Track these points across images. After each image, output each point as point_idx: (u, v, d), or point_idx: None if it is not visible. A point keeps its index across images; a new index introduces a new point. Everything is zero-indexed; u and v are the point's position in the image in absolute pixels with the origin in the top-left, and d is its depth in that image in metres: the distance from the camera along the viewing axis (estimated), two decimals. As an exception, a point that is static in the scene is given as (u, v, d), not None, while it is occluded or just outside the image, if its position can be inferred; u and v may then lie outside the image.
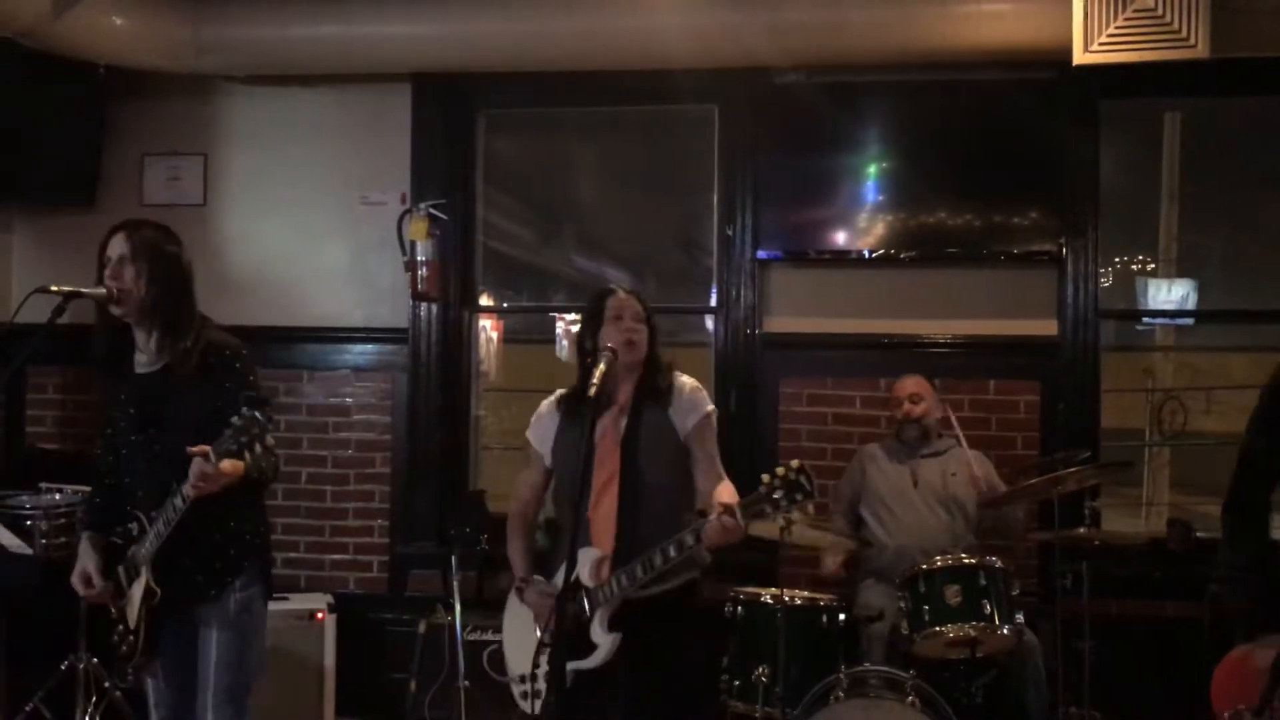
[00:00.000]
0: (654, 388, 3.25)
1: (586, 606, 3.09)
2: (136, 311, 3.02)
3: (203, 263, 3.22)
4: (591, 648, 3.09)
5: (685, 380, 3.30)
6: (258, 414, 2.71)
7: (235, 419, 2.71)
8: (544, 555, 3.45)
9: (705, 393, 3.31)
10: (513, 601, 3.41)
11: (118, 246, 3.04)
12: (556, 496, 3.39)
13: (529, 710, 3.26)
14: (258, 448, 2.72)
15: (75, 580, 3.10)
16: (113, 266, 3.01)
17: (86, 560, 3.09)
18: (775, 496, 2.81)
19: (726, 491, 3.13)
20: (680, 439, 3.23)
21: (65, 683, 4.37)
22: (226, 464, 2.78)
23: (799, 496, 2.80)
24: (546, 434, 3.35)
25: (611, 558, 3.11)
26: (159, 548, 2.95)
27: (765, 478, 2.83)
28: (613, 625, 3.09)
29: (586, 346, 3.26)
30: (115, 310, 3.02)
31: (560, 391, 3.38)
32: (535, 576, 3.31)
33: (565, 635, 2.91)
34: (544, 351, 5.66)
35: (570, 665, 3.03)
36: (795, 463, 2.83)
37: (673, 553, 2.98)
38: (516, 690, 3.33)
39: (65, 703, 4.36)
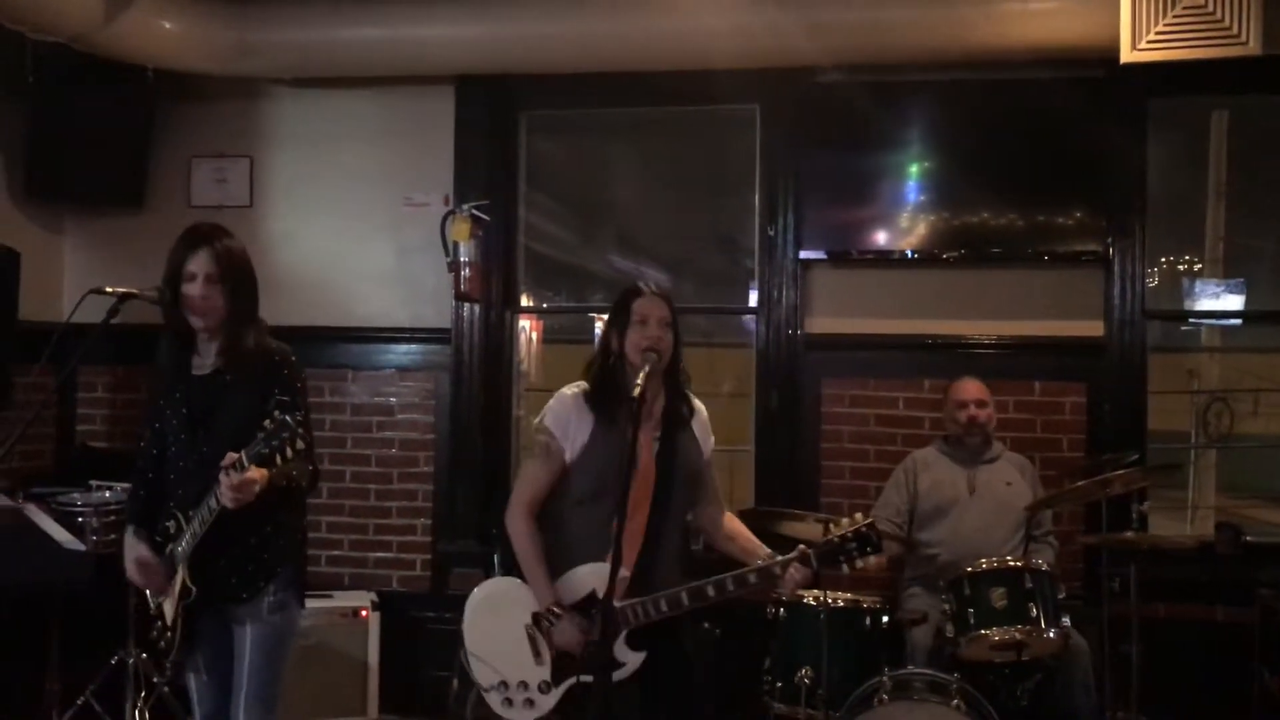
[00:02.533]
0: (682, 402, 3.21)
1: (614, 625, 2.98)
2: (216, 324, 3.05)
3: (252, 263, 3.25)
4: (615, 664, 3.01)
5: (699, 404, 3.28)
6: (288, 418, 2.73)
7: (267, 422, 2.74)
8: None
9: None
10: (485, 600, 3.27)
11: (202, 264, 3.02)
12: (570, 497, 3.18)
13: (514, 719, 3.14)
14: (288, 451, 2.73)
15: (131, 568, 3.11)
16: (200, 285, 3.01)
17: (138, 550, 3.10)
18: (850, 548, 2.89)
19: (739, 525, 3.26)
20: (702, 461, 3.24)
21: (115, 678, 4.45)
22: (255, 472, 2.77)
23: (869, 551, 2.89)
24: (576, 430, 3.16)
25: (631, 576, 3.01)
26: (194, 547, 2.98)
27: (835, 528, 2.92)
28: (637, 641, 3.03)
29: (611, 347, 3.19)
30: (195, 323, 3.04)
31: (583, 386, 3.21)
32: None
33: (601, 660, 2.87)
34: (583, 351, 5.66)
35: (588, 678, 3.00)
36: (860, 515, 2.91)
37: (731, 586, 2.95)
38: (497, 698, 3.17)
39: (115, 697, 4.44)
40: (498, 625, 3.21)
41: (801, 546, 2.95)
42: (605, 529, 2.91)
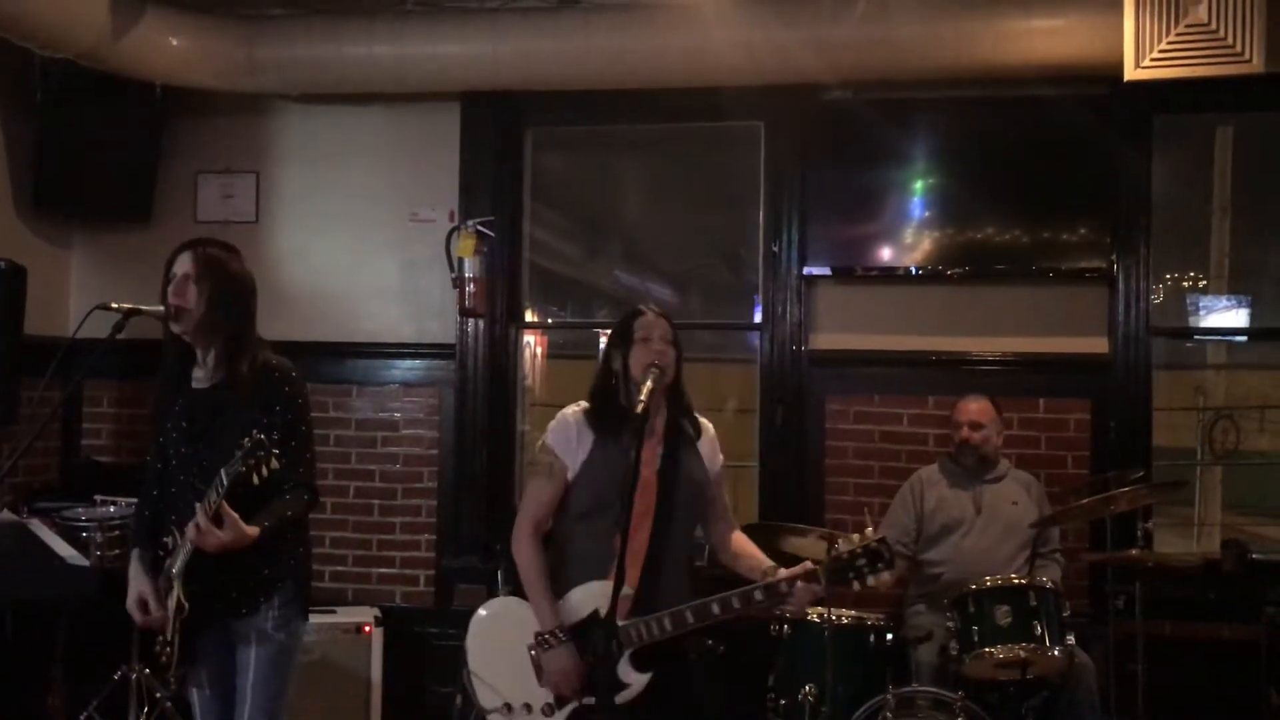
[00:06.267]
0: (686, 419, 3.20)
1: (616, 644, 2.93)
2: (196, 329, 3.06)
3: (255, 279, 3.26)
4: (619, 685, 2.95)
5: (706, 422, 3.27)
6: (264, 436, 2.76)
7: (246, 440, 2.75)
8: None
9: None
10: (489, 620, 3.25)
11: (183, 264, 3.07)
12: (571, 514, 3.15)
13: None
14: (264, 470, 2.75)
15: (131, 606, 3.10)
16: (176, 283, 3.05)
17: (141, 585, 3.09)
18: (860, 564, 2.83)
19: (747, 543, 3.22)
20: (709, 478, 3.21)
21: (118, 693, 4.44)
22: (228, 534, 2.83)
23: (880, 566, 2.83)
24: (576, 447, 3.14)
25: (635, 594, 2.96)
26: (188, 562, 2.96)
27: (842, 544, 2.87)
28: (642, 662, 2.97)
29: (614, 367, 3.18)
30: (175, 327, 3.06)
31: (584, 405, 3.22)
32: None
33: (604, 681, 2.85)
34: (587, 367, 5.66)
35: (591, 699, 2.95)
36: (870, 531, 2.86)
37: (736, 604, 2.92)
38: None
39: (119, 712, 4.43)
40: (501, 645, 3.17)
41: (810, 564, 2.92)
42: (605, 546, 2.92)
